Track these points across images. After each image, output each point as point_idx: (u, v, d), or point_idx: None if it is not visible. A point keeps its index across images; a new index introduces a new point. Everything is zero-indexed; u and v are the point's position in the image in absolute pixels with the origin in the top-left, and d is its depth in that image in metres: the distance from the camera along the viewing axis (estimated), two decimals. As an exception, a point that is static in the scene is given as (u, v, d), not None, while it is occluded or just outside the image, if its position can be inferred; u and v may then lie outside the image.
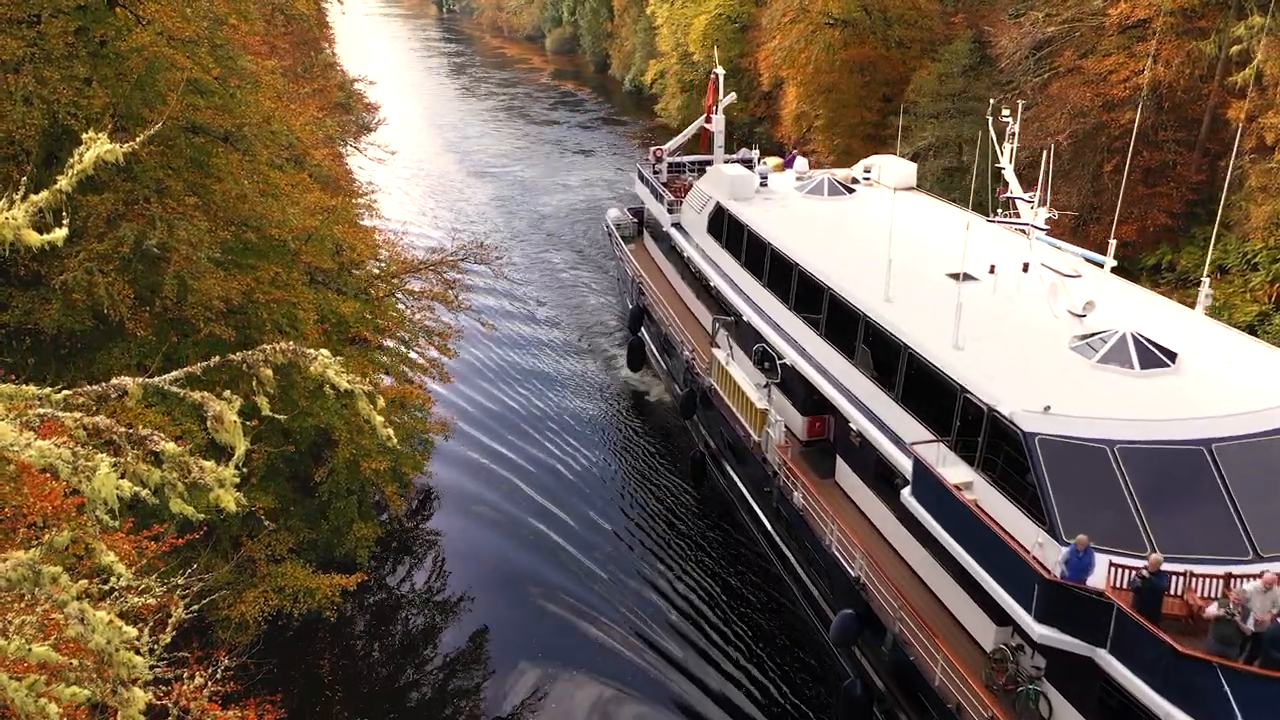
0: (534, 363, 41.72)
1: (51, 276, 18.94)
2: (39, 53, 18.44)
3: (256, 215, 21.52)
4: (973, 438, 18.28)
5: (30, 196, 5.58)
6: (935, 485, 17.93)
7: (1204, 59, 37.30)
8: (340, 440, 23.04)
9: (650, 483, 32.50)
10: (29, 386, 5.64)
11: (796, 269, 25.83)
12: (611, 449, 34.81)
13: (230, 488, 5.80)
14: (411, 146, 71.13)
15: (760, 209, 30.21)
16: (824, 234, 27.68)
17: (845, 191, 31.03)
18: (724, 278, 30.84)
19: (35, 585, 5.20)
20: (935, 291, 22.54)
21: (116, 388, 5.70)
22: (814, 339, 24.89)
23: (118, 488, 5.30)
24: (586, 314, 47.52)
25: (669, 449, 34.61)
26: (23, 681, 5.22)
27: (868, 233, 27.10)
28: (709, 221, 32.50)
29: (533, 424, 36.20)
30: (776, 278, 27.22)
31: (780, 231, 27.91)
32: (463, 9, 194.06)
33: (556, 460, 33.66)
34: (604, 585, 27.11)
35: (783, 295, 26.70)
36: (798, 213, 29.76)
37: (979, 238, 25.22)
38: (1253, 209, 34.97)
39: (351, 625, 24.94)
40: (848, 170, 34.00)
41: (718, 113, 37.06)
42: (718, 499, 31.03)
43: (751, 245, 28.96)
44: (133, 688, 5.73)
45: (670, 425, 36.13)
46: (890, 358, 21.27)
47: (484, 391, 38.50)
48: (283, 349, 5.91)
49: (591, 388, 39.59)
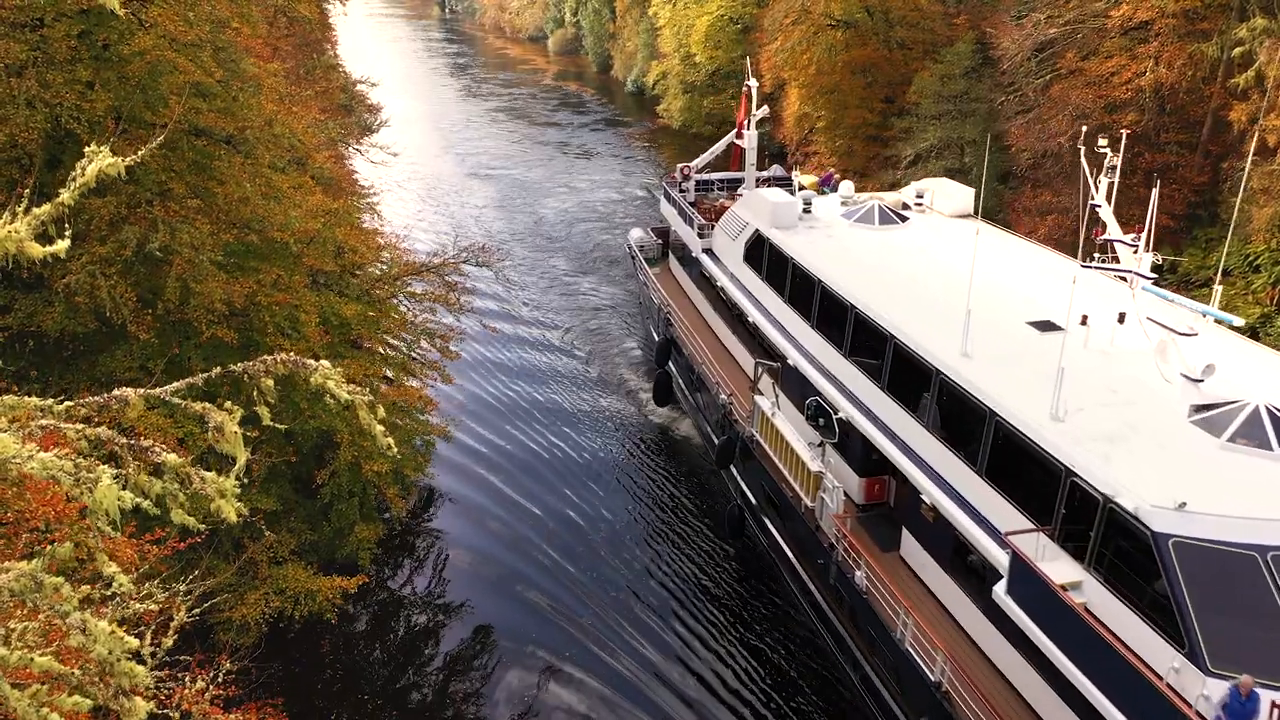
0: (549, 394, 38.50)
1: (54, 279, 19.00)
2: (42, 56, 18.49)
3: (259, 218, 21.56)
4: (1079, 525, 15.71)
5: (33, 210, 5.62)
6: (1039, 586, 15.37)
7: (1206, 61, 37.29)
8: (342, 442, 23.09)
9: (679, 535, 29.31)
10: (31, 398, 5.68)
11: (852, 312, 22.88)
12: (635, 494, 31.57)
13: (231, 498, 5.83)
14: (414, 148, 71.21)
15: (805, 239, 26.92)
16: (880, 270, 24.54)
17: (897, 220, 27.70)
18: (765, 315, 27.86)
19: (37, 595, 5.24)
20: (1019, 344, 19.80)
21: (119, 399, 5.74)
22: (874, 392, 21.91)
23: (119, 499, 5.34)
24: (607, 340, 43.86)
25: (701, 497, 31.29)
26: (25, 691, 5.26)
27: (930, 269, 24.29)
28: (746, 250, 29.51)
29: (548, 463, 33.25)
30: (828, 319, 24.28)
31: (830, 266, 24.88)
32: (464, 10, 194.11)
33: (572, 505, 30.75)
34: (624, 653, 24.33)
35: (836, 340, 23.75)
36: (847, 244, 26.52)
37: (1053, 274, 23.35)
38: (1254, 211, 34.95)
39: (353, 627, 24.98)
40: (896, 194, 30.75)
41: (750, 128, 34.38)
42: (758, 559, 27.81)
43: (797, 280, 26.00)
44: (134, 697, 5.77)
45: (701, 468, 32.88)
46: (972, 424, 18.47)
47: (495, 427, 35.64)
48: (283, 360, 5.94)
49: (614, 424, 36.36)
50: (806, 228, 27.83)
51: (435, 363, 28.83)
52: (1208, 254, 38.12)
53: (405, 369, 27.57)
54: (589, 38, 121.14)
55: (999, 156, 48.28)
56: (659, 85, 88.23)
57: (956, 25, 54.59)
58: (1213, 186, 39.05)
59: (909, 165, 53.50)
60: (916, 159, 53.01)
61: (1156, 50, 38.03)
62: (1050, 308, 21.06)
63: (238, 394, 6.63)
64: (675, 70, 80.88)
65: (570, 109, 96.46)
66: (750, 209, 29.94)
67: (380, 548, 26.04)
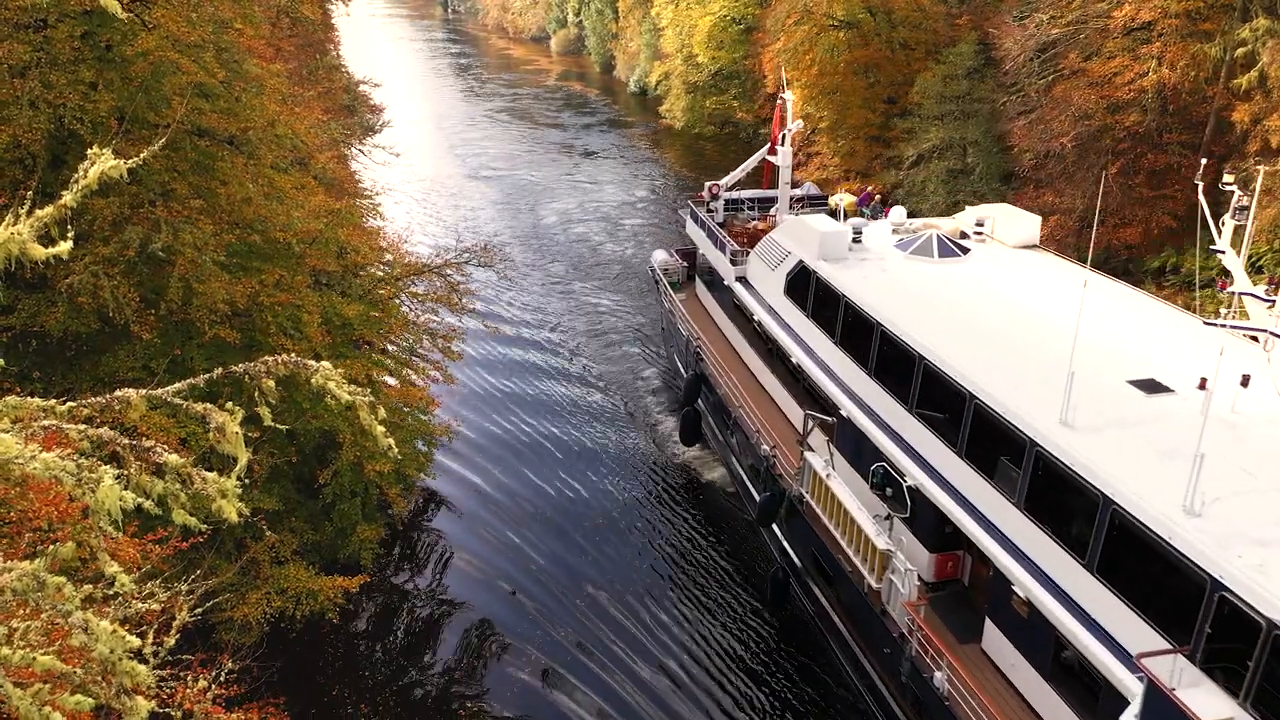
0: (561, 423, 35.61)
1: (57, 280, 19.04)
2: (45, 57, 18.54)
3: (261, 218, 21.61)
4: (1229, 647, 12.96)
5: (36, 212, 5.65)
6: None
7: (1209, 61, 37.28)
8: (344, 442, 23.14)
9: (709, 596, 26.20)
10: (34, 399, 5.71)
11: (921, 362, 19.98)
12: (658, 546, 28.43)
13: (233, 498, 5.86)
14: (417, 149, 71.28)
15: (858, 273, 23.95)
16: (946, 311, 21.68)
17: (958, 252, 24.59)
18: (812, 356, 24.92)
19: (40, 594, 5.27)
20: (1124, 409, 16.86)
21: (120, 399, 5.77)
22: (948, 457, 19.05)
23: (121, 499, 5.36)
24: (623, 363, 40.86)
25: (735, 554, 28.09)
26: (27, 690, 5.29)
27: (1003, 311, 21.42)
28: (788, 282, 26.43)
29: (558, 503, 30.49)
30: (889, 368, 21.47)
31: (890, 306, 21.98)
32: (467, 10, 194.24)
33: (585, 553, 28.14)
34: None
35: (900, 393, 20.88)
36: (905, 280, 23.55)
37: (1150, 321, 20.43)
38: (1257, 211, 34.88)
39: (355, 626, 25.01)
40: (952, 221, 27.83)
41: (784, 144, 31.35)
42: (805, 631, 24.65)
43: (850, 321, 23.07)
44: (136, 696, 5.79)
45: (734, 520, 29.62)
46: (1078, 509, 15.61)
47: (505, 464, 32.73)
48: (284, 361, 5.97)
49: (634, 463, 33.00)
50: (857, 259, 24.82)
51: (438, 363, 28.86)
52: (1210, 255, 38.07)
53: (408, 368, 27.60)
54: (591, 38, 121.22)
55: (1001, 157, 48.31)
56: (661, 86, 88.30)
57: (959, 26, 54.60)
58: (1215, 187, 38.99)
59: (911, 165, 53.53)
60: (919, 159, 53.03)
61: (1159, 51, 38.03)
62: (1152, 362, 18.34)
63: (239, 395, 6.65)
64: (678, 71, 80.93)
65: (573, 110, 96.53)
66: (792, 237, 26.84)
67: (382, 547, 26.08)
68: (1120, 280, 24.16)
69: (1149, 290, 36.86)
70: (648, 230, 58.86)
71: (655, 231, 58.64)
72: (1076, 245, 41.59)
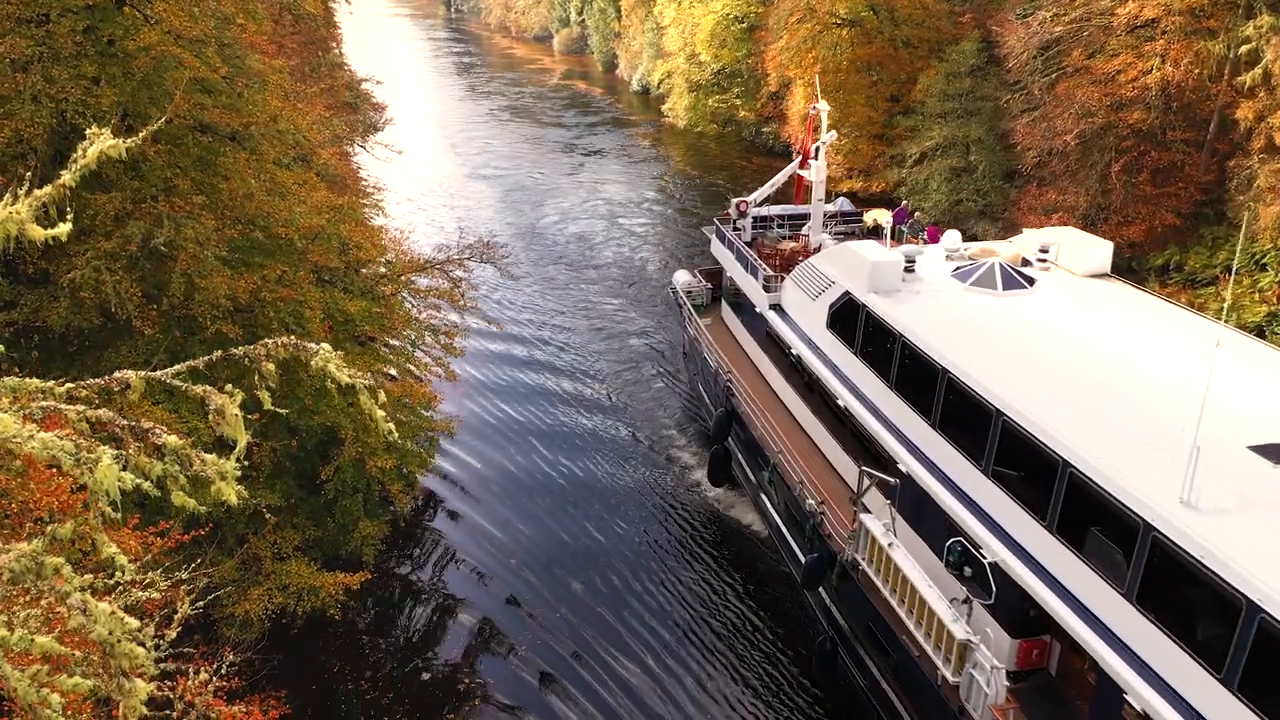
0: (578, 456, 32.87)
1: (59, 274, 19.06)
2: (47, 52, 18.55)
3: (263, 214, 21.61)
4: None
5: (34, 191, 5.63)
6: None
7: (1213, 58, 37.21)
8: (347, 438, 23.14)
9: (744, 663, 23.37)
10: (32, 380, 5.70)
11: (998, 418, 17.17)
12: (683, 598, 25.66)
13: (232, 480, 5.84)
14: (420, 147, 71.34)
15: (914, 308, 21.27)
16: (1021, 355, 18.85)
17: (1024, 283, 21.82)
18: (863, 401, 22.23)
19: (38, 577, 5.25)
20: (1257, 485, 14.10)
21: (119, 381, 5.75)
22: (1036, 532, 16.19)
23: (120, 480, 5.34)
24: (639, 384, 38.26)
25: (772, 612, 25.12)
26: (25, 672, 5.26)
27: (1086, 355, 18.54)
28: (831, 315, 23.80)
29: (568, 545, 28.00)
30: (960, 422, 18.66)
31: (956, 348, 19.18)
32: (470, 9, 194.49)
33: (602, 597, 25.69)
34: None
35: (973, 451, 17.99)
36: (969, 316, 20.80)
37: (1250, 363, 17.73)
38: (1261, 209, 34.85)
39: (356, 620, 25.01)
40: (1010, 245, 24.95)
41: (817, 158, 28.87)
42: (852, 704, 22.07)
43: (909, 363, 20.40)
44: (135, 679, 5.78)
45: (770, 573, 26.60)
46: (1214, 611, 13.02)
47: (514, 502, 30.27)
48: (284, 343, 5.95)
49: (654, 501, 30.14)
50: (911, 291, 22.20)
51: (440, 359, 28.87)
52: (1214, 253, 38.05)
53: (411, 363, 27.61)
54: (594, 37, 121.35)
55: (1004, 155, 48.27)
56: (664, 84, 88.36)
57: (962, 24, 54.59)
58: (1219, 185, 38.96)
59: (914, 163, 53.50)
60: (921, 157, 53.02)
61: (1163, 48, 37.96)
62: (1273, 422, 15.65)
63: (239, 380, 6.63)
64: (680, 69, 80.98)
65: (576, 109, 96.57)
66: (837, 265, 24.17)
67: (384, 544, 26.09)
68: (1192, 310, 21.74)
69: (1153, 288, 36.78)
70: (650, 230, 58.86)
71: (658, 231, 58.65)
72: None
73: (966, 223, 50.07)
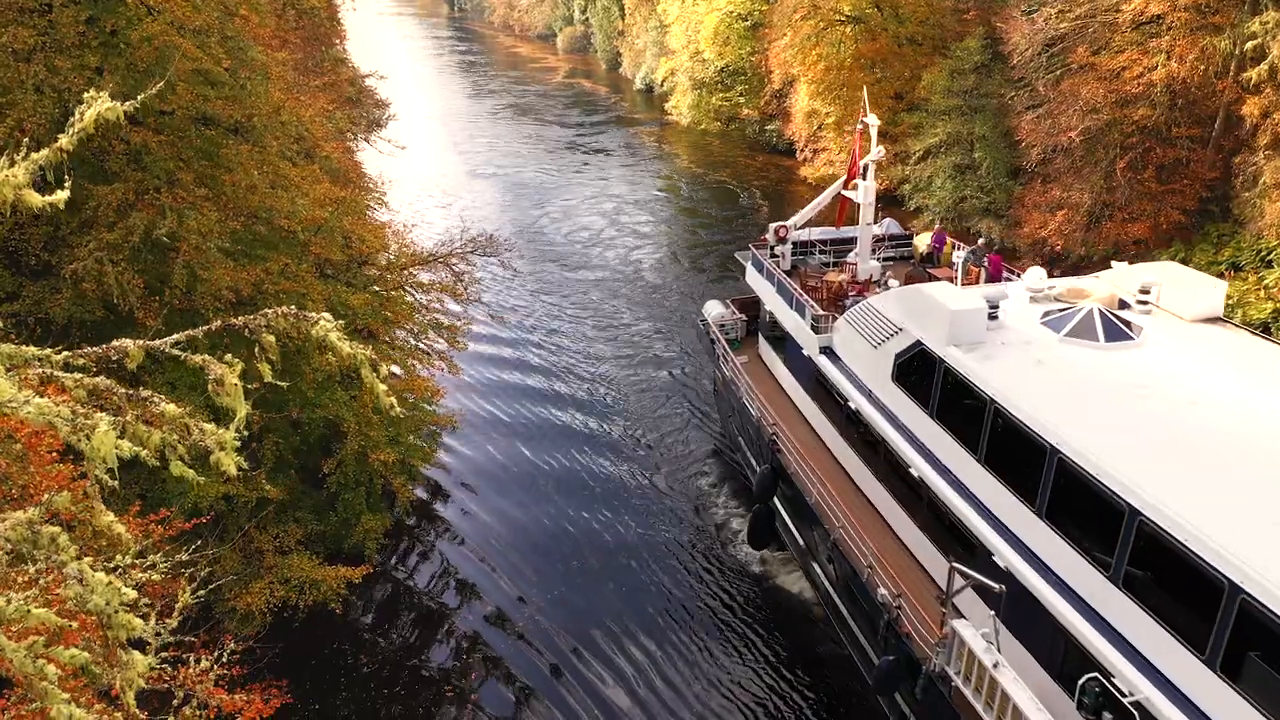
0: (598, 508, 29.54)
1: (62, 266, 19.04)
2: (50, 41, 18.52)
3: (266, 206, 21.58)
4: None
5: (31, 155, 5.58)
6: None
7: (1218, 55, 37.08)
8: (349, 432, 23.11)
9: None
10: (29, 348, 5.64)
11: (1134, 519, 13.75)
12: (728, 687, 22.23)
13: (230, 451, 5.78)
14: (422, 145, 71.36)
15: (1005, 366, 17.84)
16: (1148, 430, 15.36)
17: (1128, 332, 18.20)
18: (946, 476, 18.84)
19: (34, 546, 5.20)
20: None
21: (118, 350, 5.69)
22: (1191, 665, 12.82)
23: (117, 447, 5.28)
24: (660, 416, 34.93)
25: (831, 707, 21.69)
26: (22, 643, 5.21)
27: (1235, 431, 14.96)
28: (900, 367, 20.63)
29: (587, 613, 24.97)
30: (1079, 516, 15.24)
31: (1067, 421, 15.82)
32: (473, 8, 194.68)
33: (627, 679, 22.74)
34: None
35: (1099, 554, 14.59)
36: (1073, 377, 17.27)
37: None
38: (1267, 206, 34.75)
39: (358, 614, 24.99)
40: (1097, 281, 21.46)
41: (866, 177, 26.04)
42: None
43: (1003, 434, 17.06)
44: (132, 651, 5.72)
45: (828, 656, 23.07)
46: None
47: (534, 570, 26.87)
48: (284, 313, 5.89)
49: (687, 567, 26.46)
50: (997, 342, 18.74)
51: (444, 353, 28.84)
52: (1219, 249, 37.92)
53: (413, 357, 27.57)
54: (598, 35, 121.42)
55: (1008, 152, 48.15)
56: (668, 82, 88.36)
57: (966, 20, 54.47)
58: (1225, 182, 38.84)
59: (918, 161, 53.42)
60: (926, 154, 52.93)
61: (1168, 44, 37.83)
62: None
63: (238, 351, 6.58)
64: (684, 67, 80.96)
65: (580, 107, 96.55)
66: (905, 310, 20.75)
67: (386, 538, 26.06)
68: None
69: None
70: (652, 230, 58.81)
71: (660, 231, 58.59)
72: (1084, 240, 41.45)
73: (970, 220, 49.98)
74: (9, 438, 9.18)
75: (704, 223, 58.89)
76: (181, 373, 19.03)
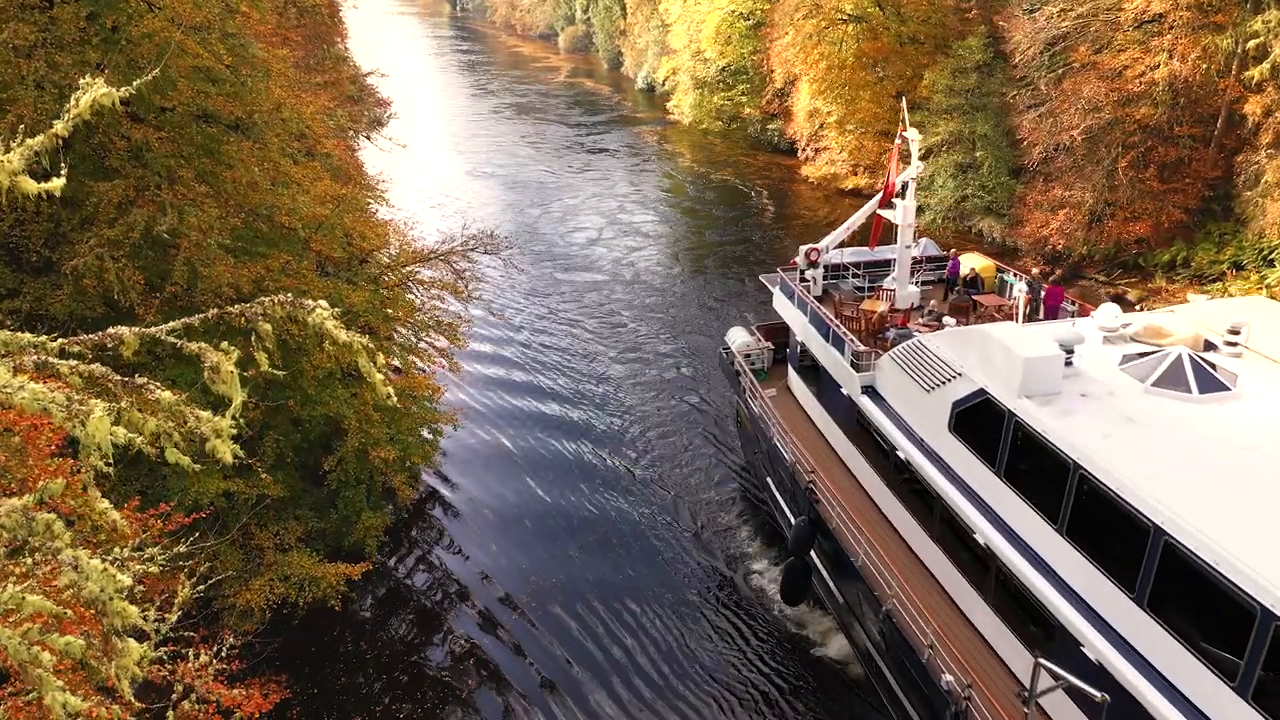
0: (614, 556, 26.97)
1: (62, 262, 19.04)
2: (51, 38, 18.51)
3: (267, 203, 21.56)
4: None
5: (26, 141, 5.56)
6: None
7: (1220, 54, 37.07)
8: (349, 429, 23.09)
9: None
10: (25, 334, 5.63)
11: (1273, 624, 11.29)
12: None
13: (226, 438, 5.76)
14: (424, 143, 71.33)
15: (1088, 424, 15.46)
16: (1263, 500, 13.08)
17: (1223, 381, 15.77)
18: (1019, 548, 16.42)
19: (29, 533, 5.18)
20: None
21: (113, 337, 5.68)
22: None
23: (112, 434, 5.27)
24: (679, 449, 32.36)
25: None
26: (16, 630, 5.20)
27: None
28: (958, 417, 18.31)
29: (608, 674, 22.86)
30: (1189, 606, 12.91)
31: (1171, 496, 13.38)
32: (475, 7, 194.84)
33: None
34: None
35: (1218, 656, 12.24)
36: (1166, 438, 14.85)
37: None
38: (1269, 204, 34.71)
39: (358, 610, 24.97)
40: (1178, 318, 18.95)
41: (905, 196, 24.58)
42: None
43: (1093, 507, 14.74)
44: (127, 638, 5.71)
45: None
46: None
47: (546, 613, 24.90)
48: (281, 300, 5.88)
49: (716, 625, 24.03)
50: (1075, 393, 16.38)
51: (445, 350, 28.82)
52: (1221, 248, 37.89)
53: (414, 354, 27.55)
54: (600, 35, 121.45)
55: (1010, 151, 48.13)
56: (669, 82, 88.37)
57: (968, 19, 54.46)
58: (1227, 180, 38.81)
59: (919, 159, 53.35)
60: (927, 153, 52.89)
61: (1170, 43, 37.81)
62: None
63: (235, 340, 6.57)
64: (686, 66, 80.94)
65: (582, 106, 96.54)
66: (965, 352, 18.46)
67: (387, 535, 26.03)
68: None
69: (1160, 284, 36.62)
70: (654, 230, 58.76)
71: (662, 231, 58.54)
72: (1086, 239, 41.42)
73: (971, 219, 49.94)
74: (7, 430, 9.17)
75: (707, 223, 58.87)
76: (181, 370, 19.02)
